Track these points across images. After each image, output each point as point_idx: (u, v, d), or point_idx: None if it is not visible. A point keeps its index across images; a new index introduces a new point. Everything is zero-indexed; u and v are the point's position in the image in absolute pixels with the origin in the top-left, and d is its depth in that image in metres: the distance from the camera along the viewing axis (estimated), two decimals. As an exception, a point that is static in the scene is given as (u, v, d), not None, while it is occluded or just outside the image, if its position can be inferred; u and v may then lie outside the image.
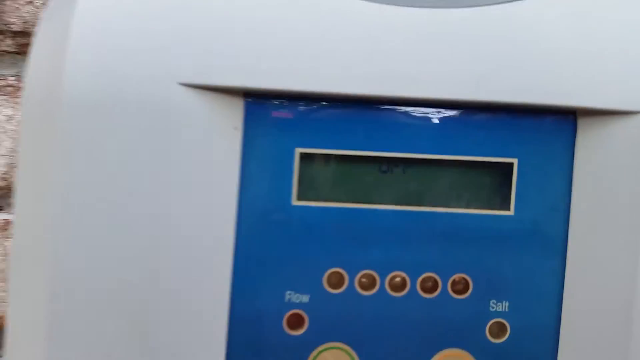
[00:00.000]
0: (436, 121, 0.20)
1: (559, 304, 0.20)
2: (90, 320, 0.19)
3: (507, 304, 0.20)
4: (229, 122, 0.19)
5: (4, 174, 0.35)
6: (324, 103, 0.20)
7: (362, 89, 0.19)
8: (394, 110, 0.20)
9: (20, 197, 0.21)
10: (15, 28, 0.35)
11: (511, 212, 0.20)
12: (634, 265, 0.19)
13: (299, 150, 0.20)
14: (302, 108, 0.20)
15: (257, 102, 0.20)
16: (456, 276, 0.20)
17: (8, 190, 0.35)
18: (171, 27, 0.19)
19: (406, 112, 0.20)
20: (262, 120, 0.20)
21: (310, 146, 0.20)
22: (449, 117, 0.20)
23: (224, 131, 0.19)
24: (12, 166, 0.35)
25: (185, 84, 0.19)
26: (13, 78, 0.36)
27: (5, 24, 0.35)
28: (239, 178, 0.20)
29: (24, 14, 0.35)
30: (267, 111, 0.20)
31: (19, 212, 0.21)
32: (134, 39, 0.19)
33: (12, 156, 0.35)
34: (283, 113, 0.20)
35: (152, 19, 0.19)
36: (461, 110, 0.20)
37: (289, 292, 0.20)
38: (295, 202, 0.20)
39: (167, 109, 0.19)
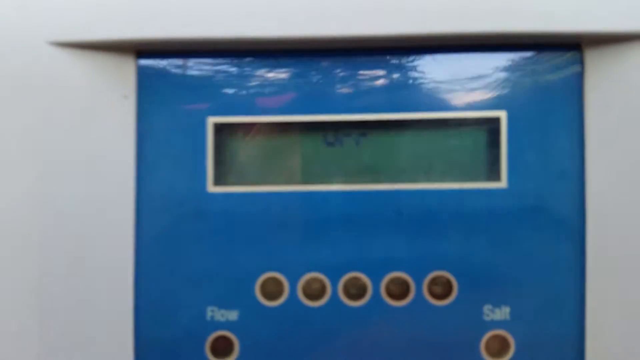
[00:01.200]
0: (395, 69, 0.15)
1: (580, 304, 0.15)
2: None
3: (507, 309, 0.15)
4: (117, 88, 0.15)
5: None
6: (241, 56, 0.15)
7: (293, 30, 0.15)
8: (337, 58, 0.15)
9: None
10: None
11: (503, 184, 0.15)
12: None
13: (212, 120, 0.15)
14: (213, 66, 0.15)
15: (153, 61, 0.15)
16: (434, 275, 0.15)
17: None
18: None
19: (354, 60, 0.15)
20: (161, 85, 0.15)
21: (228, 114, 0.15)
22: (413, 62, 0.15)
23: (112, 100, 0.15)
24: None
25: (57, 43, 0.15)
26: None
27: None
28: (135, 161, 0.15)
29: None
30: (167, 72, 0.15)
31: None
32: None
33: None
34: (188, 73, 0.15)
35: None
36: (431, 52, 0.15)
37: (211, 308, 0.15)
38: (211, 189, 0.15)
39: (37, 74, 0.15)
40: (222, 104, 0.15)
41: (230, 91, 0.15)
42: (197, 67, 0.15)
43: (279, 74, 0.15)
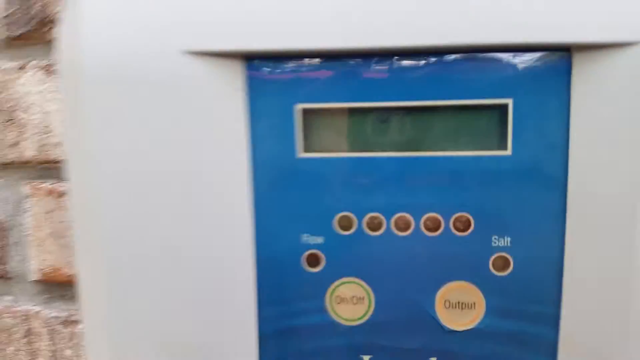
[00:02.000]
0: (429, 68, 0.21)
1: (561, 238, 0.21)
2: (140, 268, 0.23)
3: (509, 239, 0.22)
4: (234, 85, 0.22)
5: (69, 148, 0.40)
6: (320, 60, 0.22)
7: (357, 42, 0.21)
8: (388, 61, 0.22)
9: (70, 164, 0.25)
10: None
11: (509, 152, 0.21)
12: (633, 198, 0.20)
13: (300, 106, 0.22)
14: (299, 66, 0.22)
15: (257, 64, 0.22)
16: (458, 215, 0.22)
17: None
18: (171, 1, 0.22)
19: (399, 63, 0.22)
20: (263, 82, 0.22)
21: (312, 101, 0.22)
22: (441, 63, 0.21)
23: (231, 94, 0.22)
24: (75, 141, 0.40)
25: (189, 52, 0.22)
26: (69, 60, 0.40)
27: (49, 16, 0.40)
28: (249, 137, 0.22)
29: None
30: (267, 72, 0.22)
31: (71, 178, 0.25)
32: (139, 14, 0.22)
33: (75, 132, 0.40)
34: (281, 73, 0.22)
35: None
36: (454, 55, 0.21)
37: (305, 235, 0.23)
38: (300, 155, 0.22)
39: (174, 77, 0.22)
40: (306, 94, 0.22)
41: (312, 84, 0.22)
42: (288, 67, 0.22)
43: (346, 70, 0.22)
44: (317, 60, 0.22)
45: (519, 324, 0.22)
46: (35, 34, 0.40)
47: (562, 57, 0.21)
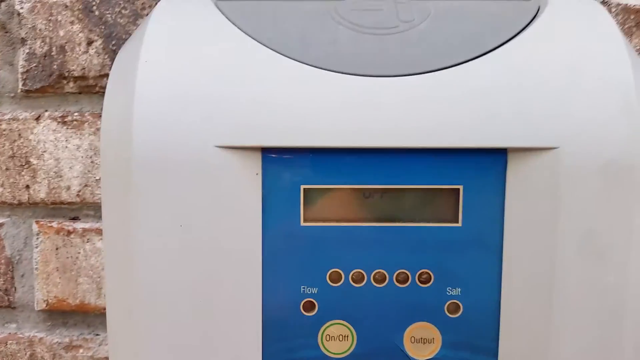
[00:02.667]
0: (402, 161, 0.28)
1: (498, 289, 0.29)
2: (167, 308, 0.29)
3: (459, 289, 0.29)
4: (252, 170, 0.28)
5: (78, 192, 0.45)
6: (321, 152, 0.28)
7: (347, 142, 0.28)
8: (372, 154, 0.28)
9: (106, 223, 0.30)
10: (75, 74, 0.45)
11: (459, 224, 0.29)
12: (550, 262, 0.28)
13: (303, 187, 0.29)
14: (304, 156, 0.29)
15: (271, 154, 0.29)
16: (422, 271, 0.29)
17: (82, 205, 0.46)
18: (208, 103, 0.28)
19: (380, 155, 0.28)
20: (275, 167, 0.29)
21: (312, 183, 0.29)
22: (411, 157, 0.28)
23: (249, 176, 0.28)
24: (84, 185, 0.45)
25: (220, 146, 0.28)
26: (77, 114, 0.46)
27: (68, 71, 0.45)
28: (262, 208, 0.29)
29: (81, 62, 0.45)
30: (279, 160, 0.29)
31: (107, 238, 0.30)
32: (179, 114, 0.28)
33: (84, 177, 0.45)
34: (290, 160, 0.29)
35: (194, 98, 0.28)
36: (420, 152, 0.28)
37: (303, 286, 0.29)
38: (303, 224, 0.29)
39: (207, 165, 0.28)
40: (309, 177, 0.29)
41: (314, 170, 0.29)
42: (296, 156, 0.28)
43: (341, 160, 0.29)
44: (316, 153, 0.28)
45: (467, 354, 0.29)
46: (51, 88, 0.45)
47: (500, 155, 0.28)
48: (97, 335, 0.47)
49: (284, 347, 0.29)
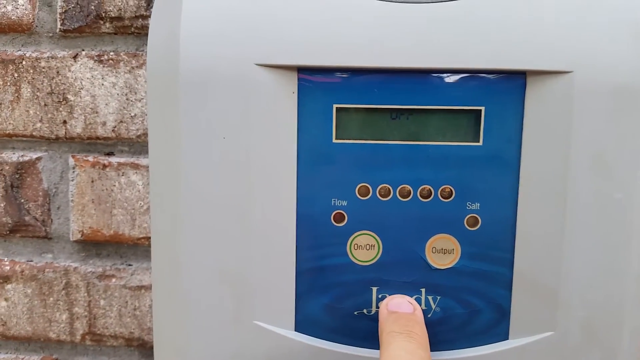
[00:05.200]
0: (428, 82, 0.31)
1: (515, 204, 0.32)
2: (210, 221, 0.32)
3: (478, 204, 0.32)
4: (289, 88, 0.31)
5: (114, 128, 0.49)
6: (352, 72, 0.31)
7: (377, 63, 0.31)
8: (400, 76, 0.31)
9: (151, 137, 0.34)
10: (112, 14, 0.48)
11: (480, 143, 0.32)
12: (564, 177, 0.31)
13: (335, 106, 0.32)
14: (337, 76, 0.31)
15: (306, 74, 0.31)
16: (444, 187, 0.32)
17: (117, 140, 0.49)
18: (249, 24, 0.31)
19: (407, 79, 0.31)
20: (310, 86, 0.32)
21: (343, 102, 0.32)
22: (437, 79, 0.31)
23: (286, 95, 0.31)
24: (119, 121, 0.49)
25: (260, 64, 0.31)
26: (113, 53, 0.49)
27: (105, 12, 0.48)
28: (297, 126, 0.32)
29: (117, 3, 0.48)
30: (313, 80, 0.32)
31: (153, 156, 0.34)
32: (224, 31, 0.31)
33: (119, 113, 0.48)
34: (324, 80, 0.32)
35: (235, 16, 0.31)
36: (445, 74, 0.31)
37: (334, 198, 0.32)
38: (334, 140, 0.32)
39: (248, 81, 0.31)
40: (341, 96, 0.32)
41: (345, 90, 0.32)
42: (329, 77, 0.31)
43: (370, 82, 0.31)
44: (348, 73, 0.31)
45: (484, 265, 0.32)
46: (88, 28, 0.48)
47: (519, 78, 0.31)
48: (130, 265, 0.50)
49: (316, 255, 0.33)
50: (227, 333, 0.33)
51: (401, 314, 0.30)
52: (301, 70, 0.31)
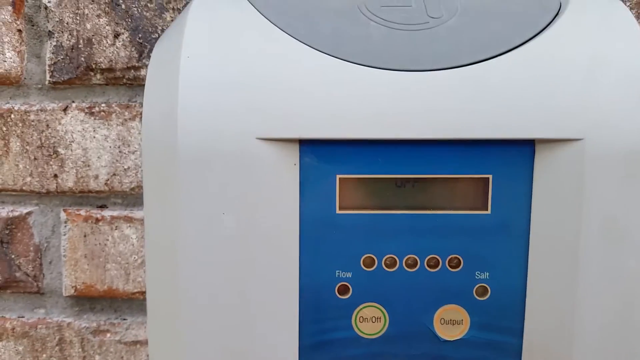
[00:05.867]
0: (433, 151, 0.30)
1: (525, 273, 0.30)
2: (209, 293, 0.30)
3: (487, 273, 0.30)
4: (290, 160, 0.30)
5: (106, 181, 0.46)
6: (356, 143, 0.30)
7: (380, 134, 0.29)
8: (405, 145, 0.30)
9: (147, 211, 0.31)
10: (102, 66, 0.46)
11: (489, 212, 0.30)
12: (574, 247, 0.29)
13: (338, 176, 0.30)
14: (340, 147, 0.30)
15: (308, 145, 0.30)
16: (452, 256, 0.30)
17: (110, 193, 0.46)
18: (249, 98, 0.29)
19: (412, 146, 0.30)
20: (312, 157, 0.30)
21: (347, 173, 0.30)
22: (443, 148, 0.30)
23: (288, 167, 0.30)
24: (112, 174, 0.46)
25: (260, 138, 0.29)
26: (104, 105, 0.46)
27: (95, 63, 0.46)
28: (299, 197, 0.30)
29: (109, 54, 0.46)
30: (315, 151, 0.30)
31: (149, 215, 0.31)
32: (221, 107, 0.29)
33: (112, 166, 0.46)
34: (326, 151, 0.30)
35: (235, 90, 0.29)
36: (451, 143, 0.29)
37: (338, 270, 0.30)
38: (338, 211, 0.30)
39: (249, 156, 0.29)
40: (344, 167, 0.30)
41: (349, 160, 0.30)
42: (331, 148, 0.30)
43: (374, 152, 0.30)
44: (351, 144, 0.29)
45: (494, 335, 0.30)
46: (78, 80, 0.46)
47: (528, 146, 0.29)
48: (124, 319, 0.48)
49: (320, 328, 0.31)
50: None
51: None
52: (303, 142, 0.29)
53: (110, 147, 0.46)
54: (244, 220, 0.29)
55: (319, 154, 0.29)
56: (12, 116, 0.47)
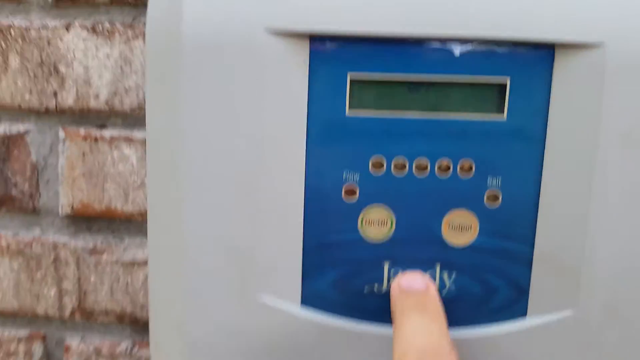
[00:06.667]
0: (450, 51, 0.28)
1: (538, 180, 0.28)
2: (215, 195, 0.28)
3: (499, 180, 0.29)
4: (300, 56, 0.28)
5: (107, 100, 0.44)
6: (369, 40, 0.28)
7: (395, 29, 0.27)
8: (420, 44, 0.28)
9: (149, 120, 0.29)
10: (108, -21, 0.43)
11: (504, 117, 0.28)
12: (590, 152, 0.28)
13: (350, 75, 0.28)
14: (352, 44, 0.28)
15: (320, 41, 0.28)
16: (464, 161, 0.29)
17: (111, 113, 0.44)
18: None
19: (428, 46, 0.28)
20: (323, 54, 0.28)
21: (359, 71, 0.28)
22: (459, 48, 0.28)
23: (297, 63, 0.28)
24: (113, 93, 0.44)
25: (269, 30, 0.27)
26: (107, 23, 0.44)
27: (100, -24, 0.43)
28: (308, 96, 0.28)
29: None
30: (327, 47, 0.28)
31: (150, 126, 0.29)
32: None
33: (113, 85, 0.44)
34: (338, 48, 0.28)
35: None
36: (469, 43, 0.28)
37: (345, 172, 0.29)
38: (348, 113, 0.28)
39: (257, 48, 0.27)
40: (356, 66, 0.28)
41: (360, 59, 0.28)
42: (343, 45, 0.28)
43: (387, 51, 0.28)
44: (364, 42, 0.27)
45: (503, 243, 0.29)
46: (81, -4, 0.43)
47: (548, 50, 0.28)
48: (122, 240, 0.46)
49: (325, 231, 0.29)
50: (230, 309, 0.29)
51: (414, 291, 0.27)
52: (313, 37, 0.27)
53: (112, 66, 0.44)
54: (250, 116, 0.28)
55: (330, 51, 0.28)
56: (12, 32, 0.44)
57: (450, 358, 0.23)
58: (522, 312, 0.29)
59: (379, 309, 0.29)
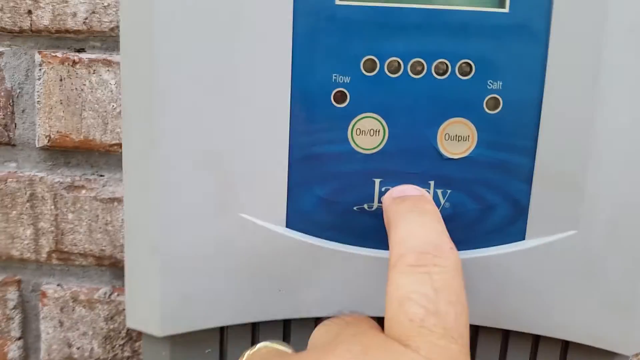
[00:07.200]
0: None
1: (541, 84, 0.26)
2: (192, 96, 0.26)
3: (501, 83, 0.26)
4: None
5: (85, 19, 0.41)
6: None
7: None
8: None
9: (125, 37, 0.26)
10: None
11: (506, 10, 0.25)
12: (599, 51, 0.25)
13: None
14: None
15: None
16: (462, 61, 0.26)
17: (89, 34, 0.41)
18: None
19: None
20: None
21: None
22: None
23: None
24: (91, 12, 0.41)
25: None
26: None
27: None
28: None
29: None
30: None
31: (125, 49, 0.26)
32: None
33: (91, 3, 0.41)
34: None
35: None
36: None
37: (334, 74, 0.26)
38: (337, 2, 0.25)
39: None
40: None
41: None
42: None
43: None
44: None
45: (503, 154, 0.26)
46: None
47: None
48: (102, 176, 0.43)
49: (312, 140, 0.26)
50: (209, 227, 0.27)
51: (408, 197, 0.24)
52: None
53: (90, -16, 0.40)
54: (229, 5, 0.25)
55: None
56: (-17, -53, 0.41)
57: (452, 256, 0.20)
58: (520, 234, 0.27)
59: (368, 231, 0.27)
